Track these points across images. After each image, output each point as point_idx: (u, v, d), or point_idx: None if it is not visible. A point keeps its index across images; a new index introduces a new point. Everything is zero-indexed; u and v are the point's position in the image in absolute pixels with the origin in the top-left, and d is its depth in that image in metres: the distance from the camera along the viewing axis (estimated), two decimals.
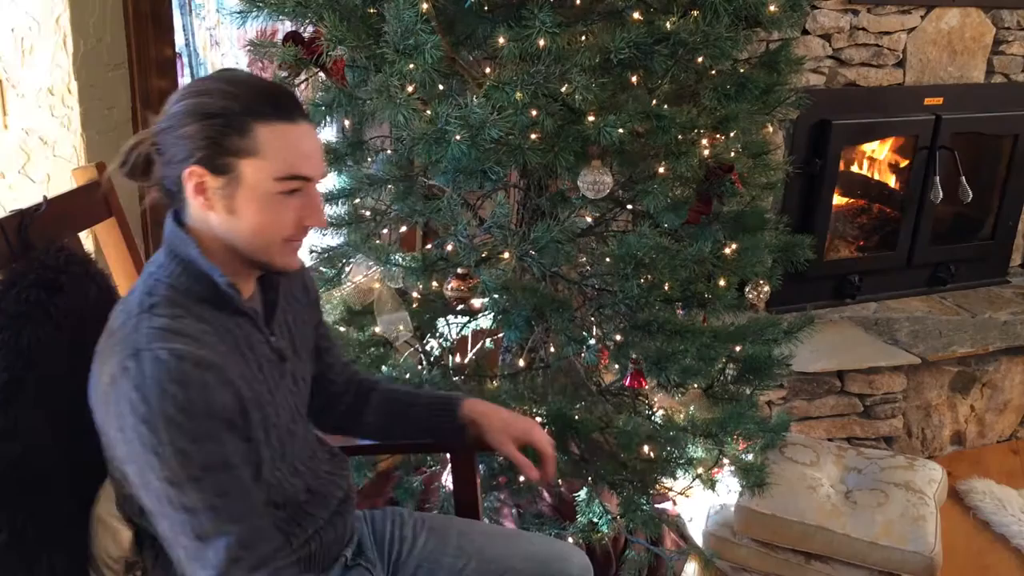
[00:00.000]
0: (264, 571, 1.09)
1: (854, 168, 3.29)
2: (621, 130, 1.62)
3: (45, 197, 1.36)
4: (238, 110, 1.12)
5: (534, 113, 1.62)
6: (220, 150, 1.11)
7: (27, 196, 1.90)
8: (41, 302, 1.24)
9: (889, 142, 3.22)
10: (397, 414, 1.52)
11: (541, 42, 1.56)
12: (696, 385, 1.96)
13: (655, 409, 2.10)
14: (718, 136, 1.87)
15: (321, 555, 1.32)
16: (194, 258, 1.16)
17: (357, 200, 2.03)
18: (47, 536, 1.20)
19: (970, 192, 3.06)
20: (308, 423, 1.39)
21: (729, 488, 2.21)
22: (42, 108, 1.88)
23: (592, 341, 1.89)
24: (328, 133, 2.17)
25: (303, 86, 1.94)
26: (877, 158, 3.29)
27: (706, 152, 1.83)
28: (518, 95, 1.58)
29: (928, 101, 3.14)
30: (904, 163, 3.21)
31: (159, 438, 1.05)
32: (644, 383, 1.90)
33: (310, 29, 1.75)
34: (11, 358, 1.19)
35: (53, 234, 1.33)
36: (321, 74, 1.81)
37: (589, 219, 2.08)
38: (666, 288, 1.84)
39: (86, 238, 1.60)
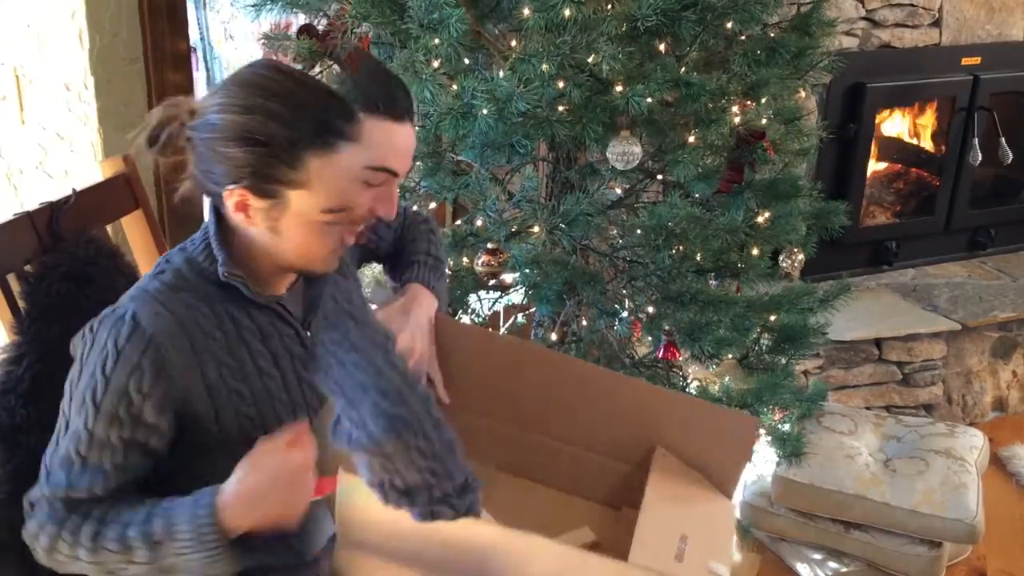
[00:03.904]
0: (48, 517, 1.07)
1: (889, 132, 3.22)
2: (650, 99, 1.61)
3: (74, 189, 1.37)
4: (287, 141, 1.03)
5: (561, 85, 1.60)
6: (266, 179, 1.05)
7: (45, 193, 1.91)
8: (71, 294, 1.25)
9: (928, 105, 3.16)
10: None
11: (566, 12, 1.54)
12: (731, 356, 1.95)
13: (689, 381, 2.09)
14: (749, 103, 1.84)
15: None
16: (211, 237, 1.11)
17: None
18: None
19: (1010, 153, 2.99)
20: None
21: (766, 458, 2.19)
22: (59, 104, 1.88)
23: (624, 313, 1.88)
24: None
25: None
26: (914, 121, 3.22)
27: (737, 119, 1.81)
28: (544, 67, 1.56)
29: (965, 61, 3.06)
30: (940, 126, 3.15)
31: (80, 382, 1.07)
32: (678, 355, 1.89)
33: (324, 22, 1.74)
34: (41, 350, 1.19)
35: (82, 226, 1.34)
36: (335, 67, 1.80)
37: (619, 190, 2.07)
38: (698, 258, 1.82)
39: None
